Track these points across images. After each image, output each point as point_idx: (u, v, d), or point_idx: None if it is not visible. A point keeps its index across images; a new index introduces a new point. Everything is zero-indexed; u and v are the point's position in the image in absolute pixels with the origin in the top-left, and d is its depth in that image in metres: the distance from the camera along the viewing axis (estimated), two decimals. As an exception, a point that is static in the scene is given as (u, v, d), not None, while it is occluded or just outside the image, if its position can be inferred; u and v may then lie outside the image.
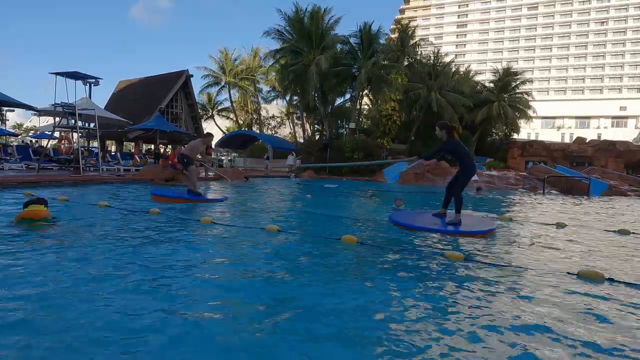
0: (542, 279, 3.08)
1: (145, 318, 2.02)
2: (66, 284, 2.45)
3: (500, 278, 3.06)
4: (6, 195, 6.78)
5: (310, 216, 6.63)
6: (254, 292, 2.54)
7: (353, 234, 4.27)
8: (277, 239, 4.24)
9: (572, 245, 4.66)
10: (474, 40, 77.66)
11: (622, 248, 4.55)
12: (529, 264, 3.55)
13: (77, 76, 13.04)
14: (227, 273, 2.97)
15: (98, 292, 2.34)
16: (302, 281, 2.81)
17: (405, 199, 8.98)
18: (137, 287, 2.47)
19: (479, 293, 2.68)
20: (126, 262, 3.02)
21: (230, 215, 5.98)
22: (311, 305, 2.33)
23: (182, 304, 2.25)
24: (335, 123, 32.80)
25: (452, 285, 2.86)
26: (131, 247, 3.54)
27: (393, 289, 2.73)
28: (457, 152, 5.27)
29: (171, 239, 3.99)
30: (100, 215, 5.25)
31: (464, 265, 3.41)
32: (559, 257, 3.95)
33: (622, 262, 3.84)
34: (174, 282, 2.63)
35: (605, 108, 64.83)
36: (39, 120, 31.21)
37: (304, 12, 28.17)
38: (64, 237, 3.81)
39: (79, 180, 10.28)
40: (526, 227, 5.96)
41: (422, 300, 2.49)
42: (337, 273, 3.07)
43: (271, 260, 3.37)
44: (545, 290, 2.77)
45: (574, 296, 2.68)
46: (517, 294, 2.70)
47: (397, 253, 3.79)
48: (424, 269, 3.29)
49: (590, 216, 8.21)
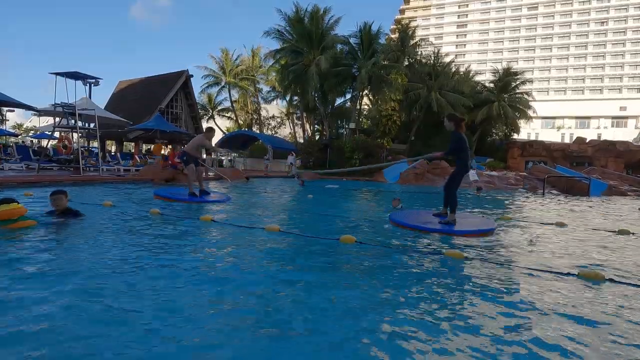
0: (542, 279, 3.08)
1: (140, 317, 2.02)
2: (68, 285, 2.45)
3: (499, 278, 3.05)
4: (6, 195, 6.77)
5: (311, 216, 6.63)
6: (253, 290, 2.53)
7: (352, 234, 4.27)
8: (277, 239, 4.25)
9: (572, 245, 4.66)
10: (474, 40, 77.69)
11: (622, 248, 4.55)
12: (529, 264, 3.54)
13: (77, 76, 13.05)
14: (224, 273, 2.96)
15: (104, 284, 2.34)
16: (301, 280, 2.81)
17: (406, 199, 8.98)
18: (131, 289, 2.47)
19: (479, 293, 2.67)
20: (123, 266, 3.01)
21: (230, 215, 5.97)
22: (310, 305, 2.33)
23: (183, 301, 2.25)
24: (335, 123, 32.83)
25: (451, 284, 2.85)
26: (130, 246, 3.54)
27: (393, 288, 2.72)
28: (458, 146, 5.26)
29: (172, 238, 3.98)
30: (102, 215, 5.24)
31: (463, 264, 3.41)
32: (559, 257, 3.95)
33: (622, 262, 3.83)
34: (174, 281, 2.63)
35: (605, 108, 64.86)
36: (39, 120, 31.24)
37: (304, 12, 28.20)
38: (62, 238, 3.80)
39: (79, 181, 10.28)
40: (526, 227, 5.95)
41: (422, 300, 2.49)
42: (336, 272, 3.06)
43: (270, 260, 3.37)
44: (545, 291, 2.76)
45: (575, 297, 2.67)
46: (517, 294, 2.70)
47: (395, 252, 3.78)
48: (424, 268, 3.28)
49: (590, 216, 8.21)
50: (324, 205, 8.63)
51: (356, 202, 10.04)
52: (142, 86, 31.06)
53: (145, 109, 27.24)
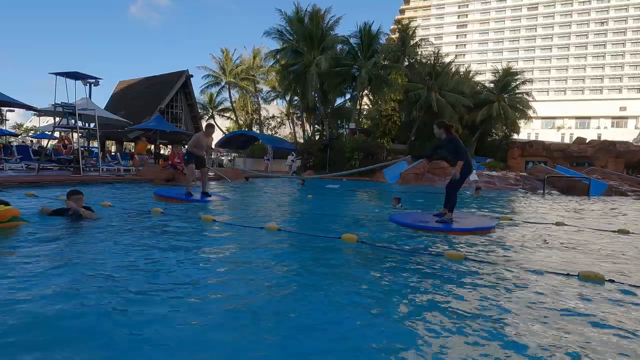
0: (541, 279, 3.07)
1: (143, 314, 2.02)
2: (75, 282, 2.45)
3: (499, 278, 3.06)
4: (6, 196, 6.77)
5: (312, 215, 6.63)
6: (254, 290, 2.53)
7: (353, 233, 4.28)
8: (277, 238, 4.25)
9: (571, 245, 4.66)
10: (474, 40, 77.70)
11: (622, 248, 4.54)
12: (529, 264, 3.55)
13: (77, 76, 13.03)
14: (226, 273, 2.96)
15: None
16: (303, 279, 2.81)
17: (406, 199, 8.98)
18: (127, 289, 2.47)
19: (478, 292, 2.67)
20: (125, 265, 3.01)
21: (231, 214, 5.98)
22: (312, 304, 2.33)
23: (184, 303, 2.25)
24: (335, 123, 32.82)
25: (450, 283, 2.85)
26: (130, 247, 3.54)
27: (394, 288, 2.73)
28: (458, 149, 5.31)
29: (173, 237, 3.98)
30: (103, 214, 5.24)
31: (463, 264, 3.41)
32: (558, 257, 3.95)
33: (622, 263, 3.83)
34: (176, 280, 2.63)
35: (605, 108, 64.85)
36: (39, 120, 31.24)
37: (304, 12, 28.20)
38: (62, 237, 3.80)
39: (79, 181, 10.28)
40: (526, 227, 5.96)
41: (422, 299, 2.49)
42: (338, 271, 3.06)
43: (270, 259, 3.37)
44: (545, 292, 2.76)
45: (575, 298, 2.67)
46: (517, 294, 2.70)
47: (397, 251, 3.79)
48: (424, 267, 3.28)
49: (590, 216, 8.21)
50: (324, 205, 8.63)
51: (357, 202, 10.05)
52: (142, 86, 31.05)
53: (145, 109, 27.23)
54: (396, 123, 28.49)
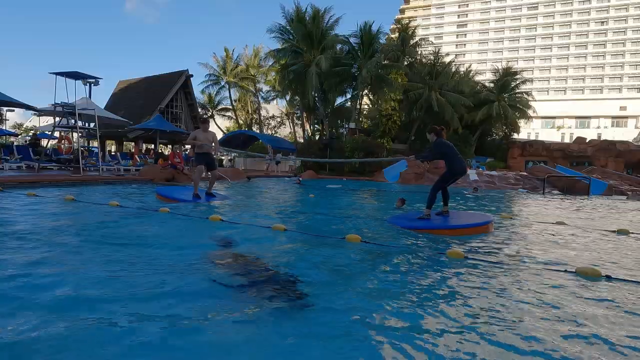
0: (540, 276, 3.10)
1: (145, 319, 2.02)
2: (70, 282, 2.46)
3: (498, 275, 3.08)
4: (6, 196, 6.78)
5: (315, 215, 6.63)
6: (261, 288, 2.54)
7: (357, 233, 4.28)
8: (285, 238, 4.28)
9: (570, 243, 4.67)
10: (474, 40, 77.69)
11: (620, 247, 4.56)
12: (528, 261, 3.57)
13: (77, 76, 13.04)
14: (234, 272, 2.97)
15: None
16: (311, 279, 2.81)
17: (406, 199, 8.98)
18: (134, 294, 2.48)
19: (477, 289, 2.69)
20: (127, 265, 3.01)
21: (236, 214, 5.96)
22: (320, 304, 2.33)
23: (187, 301, 2.25)
24: (335, 123, 32.83)
25: (450, 283, 2.87)
26: (134, 246, 3.55)
27: (397, 288, 2.73)
28: (442, 153, 5.33)
29: (178, 237, 3.99)
30: (104, 214, 5.25)
31: (464, 262, 3.42)
32: (557, 254, 3.96)
33: (620, 260, 3.85)
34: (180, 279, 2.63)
35: (605, 108, 64.84)
36: (39, 120, 31.21)
37: (304, 12, 28.22)
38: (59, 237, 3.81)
39: (79, 180, 10.28)
40: (526, 226, 5.97)
41: (423, 299, 2.50)
42: (343, 271, 3.07)
43: (279, 257, 3.40)
44: (543, 287, 2.78)
45: (572, 293, 2.68)
46: (516, 290, 2.71)
47: (400, 251, 3.79)
48: (425, 267, 3.30)
49: (589, 215, 8.21)
50: (325, 204, 8.64)
51: (358, 202, 10.05)
52: (142, 86, 31.03)
53: (145, 109, 27.23)
54: (396, 123, 28.50)
